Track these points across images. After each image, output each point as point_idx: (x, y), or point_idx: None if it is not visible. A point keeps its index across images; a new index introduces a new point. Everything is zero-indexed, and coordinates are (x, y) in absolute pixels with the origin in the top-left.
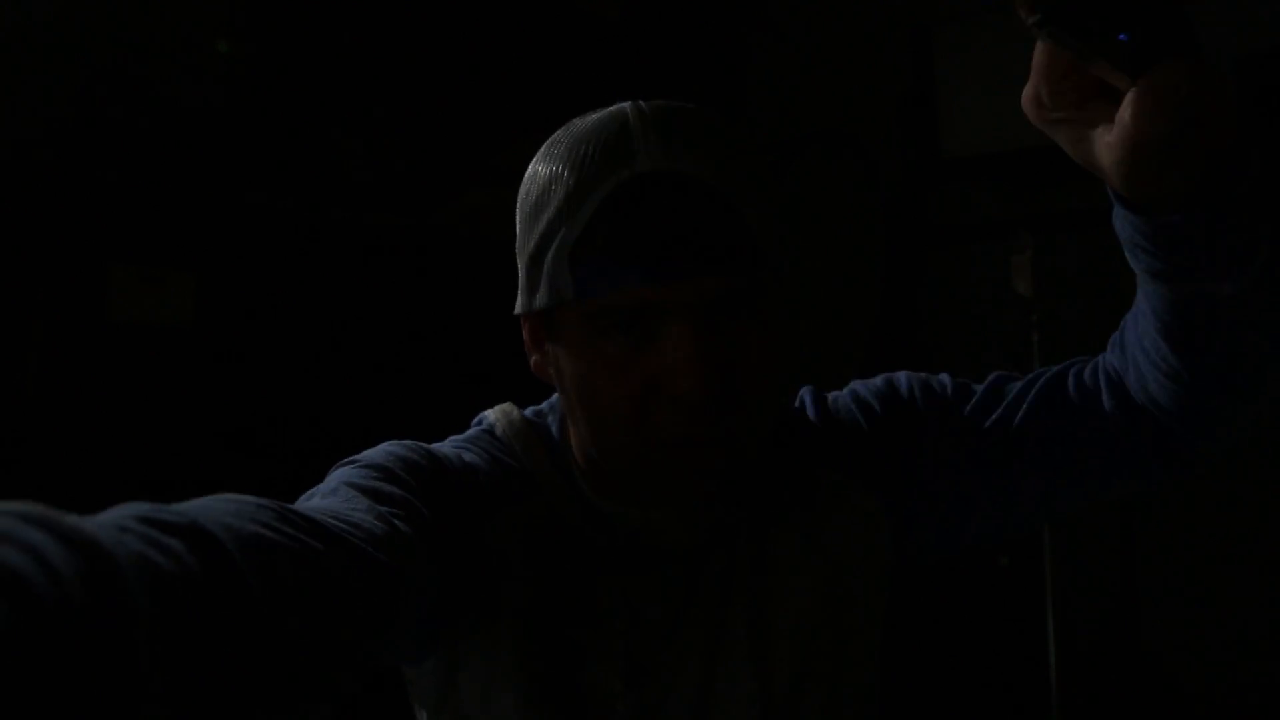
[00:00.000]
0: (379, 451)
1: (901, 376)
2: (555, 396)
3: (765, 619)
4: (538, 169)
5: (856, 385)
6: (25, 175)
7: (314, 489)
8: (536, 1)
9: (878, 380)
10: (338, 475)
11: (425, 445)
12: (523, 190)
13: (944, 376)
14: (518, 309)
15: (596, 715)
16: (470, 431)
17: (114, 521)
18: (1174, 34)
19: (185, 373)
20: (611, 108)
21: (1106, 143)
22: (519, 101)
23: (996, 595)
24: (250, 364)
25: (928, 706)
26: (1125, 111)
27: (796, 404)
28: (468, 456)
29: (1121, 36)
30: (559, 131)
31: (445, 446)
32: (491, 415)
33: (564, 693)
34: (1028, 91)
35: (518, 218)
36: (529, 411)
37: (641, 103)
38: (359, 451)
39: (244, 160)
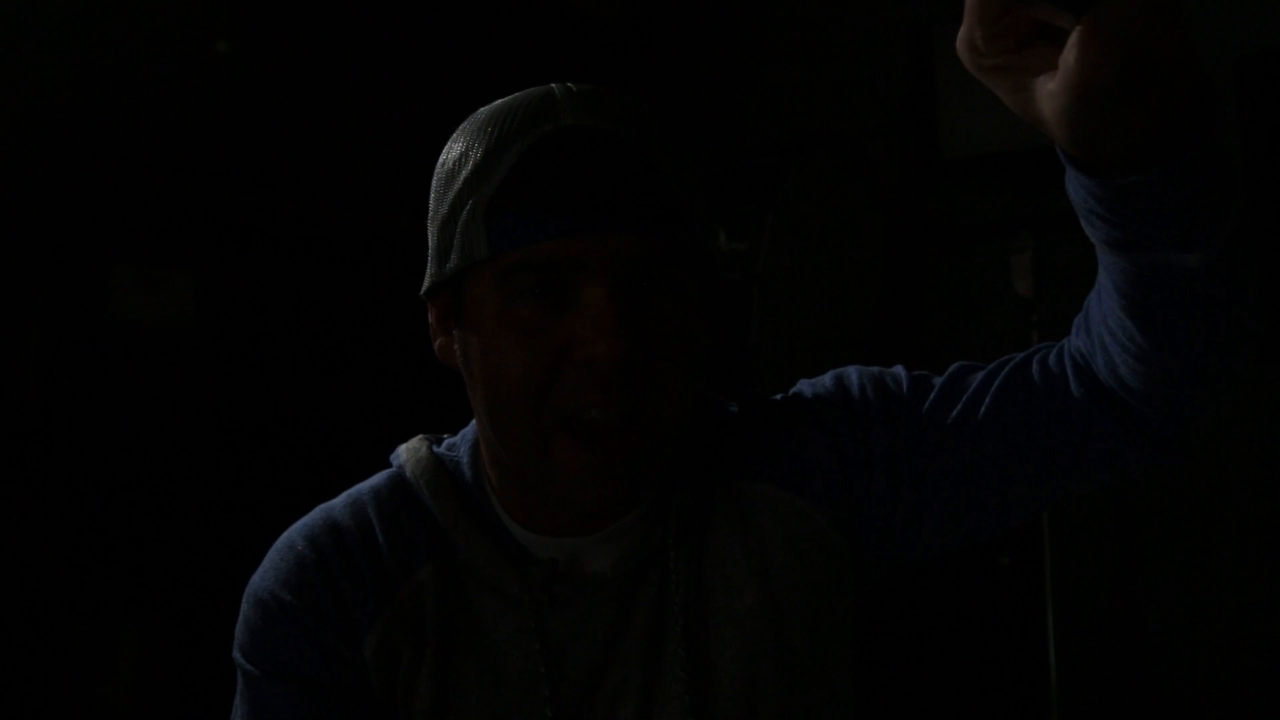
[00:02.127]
0: (248, 645)
1: (853, 374)
2: (471, 424)
3: (704, 652)
4: (456, 139)
5: (803, 386)
6: (26, 175)
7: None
8: (537, 1)
9: (827, 380)
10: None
11: (282, 594)
12: (439, 161)
13: (899, 370)
14: (424, 286)
15: None
16: (380, 478)
17: None
18: None
19: (185, 373)
20: (537, 87)
21: (1049, 91)
22: None
23: (996, 595)
24: (250, 364)
25: (927, 706)
26: (1069, 54)
27: (735, 409)
28: (334, 565)
29: None
30: (481, 108)
31: (316, 548)
32: (403, 454)
33: None
34: (961, 34)
35: (431, 190)
36: (443, 445)
37: (568, 83)
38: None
39: (244, 160)
